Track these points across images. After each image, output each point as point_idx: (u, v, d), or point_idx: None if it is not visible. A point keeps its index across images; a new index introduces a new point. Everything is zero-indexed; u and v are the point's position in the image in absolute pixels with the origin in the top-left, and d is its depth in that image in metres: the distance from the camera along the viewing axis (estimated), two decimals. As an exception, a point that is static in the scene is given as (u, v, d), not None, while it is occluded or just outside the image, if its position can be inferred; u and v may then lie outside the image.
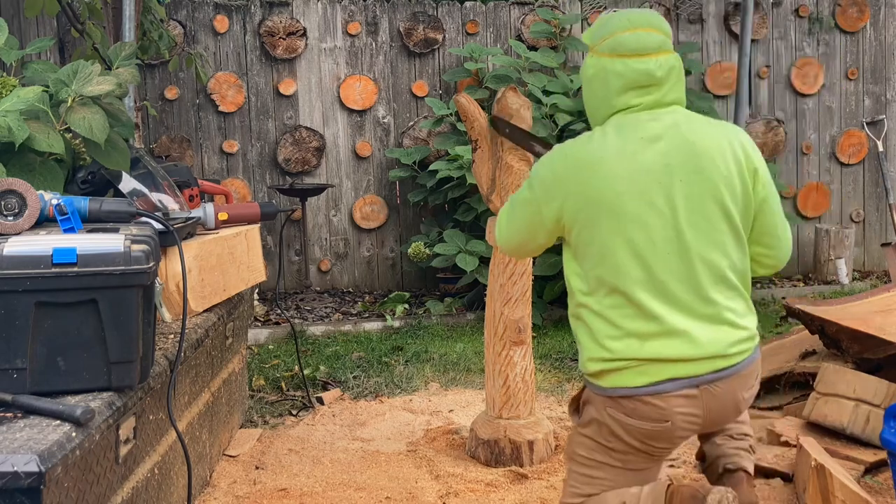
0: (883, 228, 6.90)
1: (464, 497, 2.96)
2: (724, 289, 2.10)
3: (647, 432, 2.11)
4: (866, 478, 2.88)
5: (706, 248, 2.08)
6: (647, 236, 2.07)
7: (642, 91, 2.14)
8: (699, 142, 2.11)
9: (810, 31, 6.74)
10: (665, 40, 2.17)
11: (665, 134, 2.11)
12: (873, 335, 3.15)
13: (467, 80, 6.14)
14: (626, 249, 2.07)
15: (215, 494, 3.01)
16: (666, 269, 2.07)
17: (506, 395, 3.28)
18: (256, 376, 4.32)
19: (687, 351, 2.05)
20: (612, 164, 2.08)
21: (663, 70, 2.14)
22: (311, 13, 6.19)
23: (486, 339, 3.34)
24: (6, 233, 2.05)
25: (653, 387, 2.07)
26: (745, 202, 2.14)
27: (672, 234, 2.07)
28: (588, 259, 2.12)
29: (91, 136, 2.64)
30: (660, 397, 2.07)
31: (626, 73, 2.13)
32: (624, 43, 2.13)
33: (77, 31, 4.19)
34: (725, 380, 2.09)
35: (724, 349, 2.08)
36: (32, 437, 1.69)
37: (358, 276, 6.37)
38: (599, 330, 2.11)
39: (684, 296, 2.07)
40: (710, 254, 2.09)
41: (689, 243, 2.07)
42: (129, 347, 1.99)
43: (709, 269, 2.08)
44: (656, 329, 2.06)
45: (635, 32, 2.14)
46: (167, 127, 6.09)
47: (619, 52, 2.14)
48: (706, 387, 2.08)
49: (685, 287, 2.07)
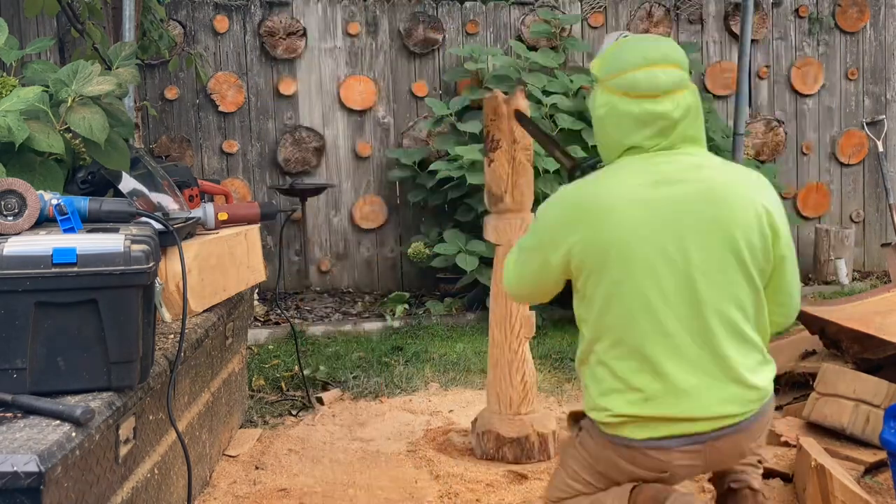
0: (883, 228, 6.90)
1: (464, 497, 2.96)
2: (739, 343, 1.99)
3: (644, 478, 2.07)
4: (866, 478, 2.87)
5: (720, 301, 1.97)
6: (656, 285, 1.95)
7: (658, 133, 2.01)
8: (718, 189, 1.99)
9: (810, 31, 6.74)
10: (683, 76, 2.03)
11: (681, 178, 1.99)
12: (873, 335, 3.15)
13: (467, 80, 6.14)
14: (635, 298, 1.96)
15: (215, 494, 3.01)
16: (676, 321, 1.96)
17: (524, 392, 3.31)
18: (256, 376, 4.32)
19: (691, 411, 1.97)
20: (622, 210, 1.97)
21: (680, 111, 2.01)
22: (311, 13, 6.19)
23: (497, 339, 3.32)
24: (6, 233, 2.04)
25: (654, 441, 2.00)
26: (765, 257, 2.01)
27: (684, 285, 1.96)
28: (595, 306, 2.01)
29: (91, 136, 2.63)
30: (660, 451, 2.00)
31: (640, 116, 2.00)
32: (638, 84, 2.00)
33: (77, 31, 4.19)
34: (731, 436, 2.01)
35: (733, 409, 1.99)
36: (32, 437, 1.69)
37: (358, 276, 6.37)
38: (603, 379, 2.03)
39: (694, 351, 1.97)
40: (725, 306, 1.97)
41: (702, 294, 1.96)
42: (129, 347, 1.99)
43: (722, 323, 1.97)
44: (661, 387, 1.96)
45: (651, 71, 2.00)
46: (167, 127, 6.09)
47: (635, 94, 2.00)
48: (711, 443, 2.00)
49: (696, 341, 1.97)
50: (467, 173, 5.42)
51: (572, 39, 6.17)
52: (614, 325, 1.99)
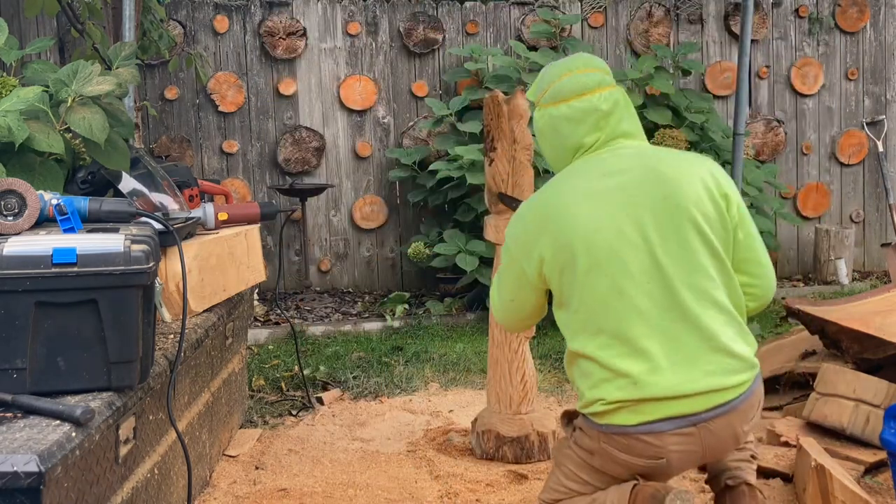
0: (883, 228, 6.90)
1: (464, 497, 2.96)
2: (716, 313, 2.05)
3: (641, 469, 2.08)
4: (866, 478, 2.87)
5: (688, 274, 2.04)
6: (623, 269, 2.03)
7: (593, 127, 2.15)
8: (665, 170, 2.10)
9: (810, 31, 6.74)
10: (604, 77, 2.20)
11: (626, 166, 2.11)
12: (873, 335, 3.15)
13: (467, 80, 6.14)
14: (606, 285, 2.04)
15: (215, 494, 3.01)
16: (648, 299, 2.02)
17: (524, 391, 3.31)
18: (256, 376, 4.32)
19: (680, 388, 2.00)
20: (578, 204, 2.08)
21: (608, 103, 2.16)
22: (311, 13, 6.19)
23: (497, 339, 3.33)
24: (6, 233, 2.04)
25: (647, 425, 2.02)
26: (722, 225, 2.10)
27: (649, 264, 2.04)
28: (572, 303, 2.09)
29: (91, 136, 2.64)
30: (654, 435, 2.02)
31: (572, 115, 2.16)
32: (563, 88, 2.18)
33: (77, 31, 4.19)
34: (724, 416, 2.04)
35: (721, 381, 2.02)
36: (32, 437, 1.69)
37: (358, 276, 6.37)
38: (591, 373, 2.07)
39: (672, 326, 2.02)
40: (694, 279, 2.04)
41: (668, 271, 2.03)
42: (129, 347, 1.99)
43: (695, 295, 2.03)
44: (647, 366, 2.01)
45: (572, 75, 2.18)
46: (167, 127, 6.09)
47: (562, 98, 2.17)
48: (704, 424, 2.03)
49: (672, 316, 2.02)
50: (467, 173, 5.42)
51: (572, 39, 6.17)
52: (592, 315, 2.06)
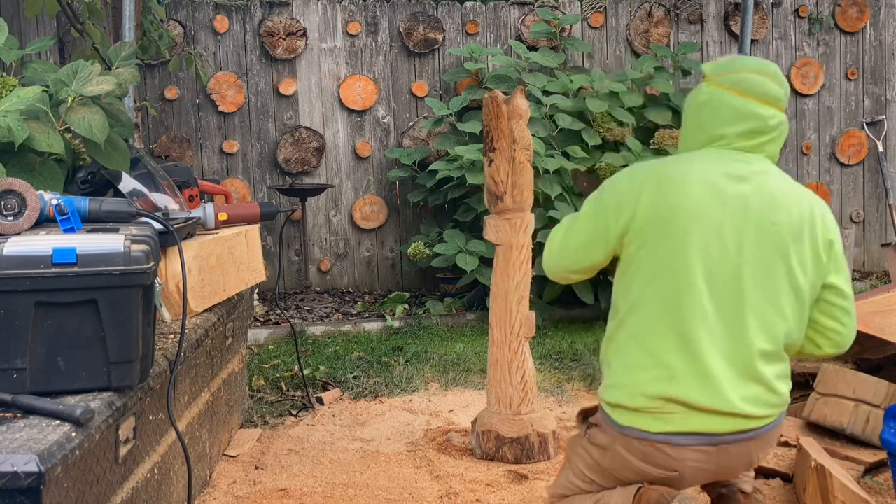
0: (883, 228, 6.90)
1: (464, 497, 2.96)
2: (771, 347, 2.02)
3: (653, 478, 2.07)
4: (866, 478, 2.88)
5: (762, 302, 2.00)
6: (707, 266, 1.99)
7: (747, 132, 2.09)
8: (781, 198, 2.06)
9: (810, 31, 6.74)
10: (785, 99, 2.14)
11: (751, 178, 2.06)
12: (873, 335, 3.15)
13: (467, 80, 6.14)
14: (684, 274, 1.99)
15: (215, 494, 3.01)
16: (716, 306, 1.99)
17: (524, 391, 3.31)
18: (256, 376, 4.32)
19: (713, 402, 1.97)
20: (694, 185, 2.03)
21: (774, 121, 2.10)
22: (311, 13, 6.19)
23: (497, 339, 3.33)
24: (6, 233, 2.04)
25: (669, 436, 2.00)
26: (815, 269, 2.06)
27: (732, 274, 1.99)
28: (643, 275, 2.04)
29: (91, 136, 2.63)
30: (674, 448, 2.01)
31: (740, 110, 2.09)
32: (751, 84, 2.09)
33: (77, 31, 4.19)
34: (745, 442, 2.03)
35: (753, 410, 2.00)
36: (32, 437, 1.69)
37: (358, 276, 6.37)
38: (630, 354, 2.04)
39: (728, 340, 1.99)
40: (765, 308, 2.01)
41: (747, 290, 1.99)
42: (129, 347, 1.99)
43: (760, 324, 2.00)
44: (689, 369, 1.97)
45: (763, 78, 2.10)
46: (167, 127, 6.09)
47: (742, 91, 2.09)
48: (724, 446, 2.02)
49: (731, 332, 1.99)
50: (467, 173, 5.42)
51: (572, 39, 6.17)
52: (657, 296, 2.01)
